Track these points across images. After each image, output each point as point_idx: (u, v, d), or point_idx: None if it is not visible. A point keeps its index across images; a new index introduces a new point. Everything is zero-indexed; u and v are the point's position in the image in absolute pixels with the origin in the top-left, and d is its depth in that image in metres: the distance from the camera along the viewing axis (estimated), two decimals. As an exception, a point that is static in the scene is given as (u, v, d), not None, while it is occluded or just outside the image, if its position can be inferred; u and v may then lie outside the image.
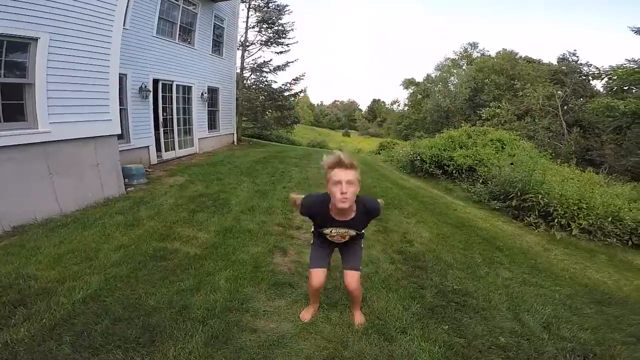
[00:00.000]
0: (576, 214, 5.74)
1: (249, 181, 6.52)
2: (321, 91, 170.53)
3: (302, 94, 13.84)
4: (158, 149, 8.80)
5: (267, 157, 9.58)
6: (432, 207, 6.23)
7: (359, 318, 2.60)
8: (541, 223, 6.07)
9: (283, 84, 13.05)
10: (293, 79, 13.01)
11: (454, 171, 8.93)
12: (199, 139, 10.31)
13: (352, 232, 2.18)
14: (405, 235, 4.63)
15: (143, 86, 7.84)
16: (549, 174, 6.76)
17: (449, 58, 34.55)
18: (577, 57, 34.97)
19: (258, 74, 12.93)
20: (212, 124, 11.35)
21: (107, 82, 5.09)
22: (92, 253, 3.39)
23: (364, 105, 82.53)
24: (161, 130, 8.81)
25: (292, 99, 13.83)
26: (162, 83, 8.67)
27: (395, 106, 64.54)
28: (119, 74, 7.40)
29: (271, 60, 12.85)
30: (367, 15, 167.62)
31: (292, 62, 13.27)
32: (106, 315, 2.40)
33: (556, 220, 5.87)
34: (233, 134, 12.69)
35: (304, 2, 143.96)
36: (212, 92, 11.15)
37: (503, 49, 31.81)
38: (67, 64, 4.58)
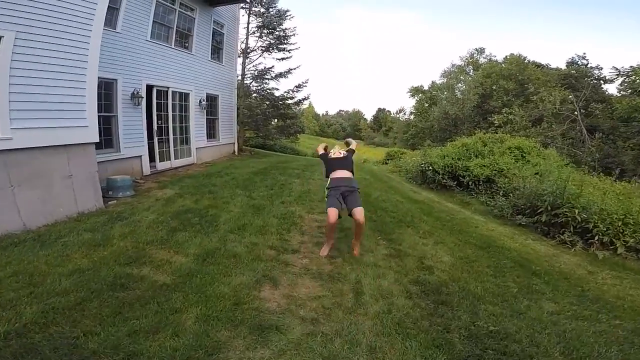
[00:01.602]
0: (621, 230, 4.95)
1: (244, 195, 5.88)
2: (326, 101, 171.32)
3: (305, 102, 13.33)
4: (152, 159, 8.27)
5: (267, 168, 8.97)
6: (450, 225, 5.49)
7: (356, 251, 3.80)
8: (578, 241, 5.28)
9: (285, 92, 12.54)
10: (296, 86, 12.50)
11: (470, 182, 8.17)
12: (196, 148, 9.77)
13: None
14: (423, 261, 3.90)
15: (135, 92, 7.36)
16: (585, 186, 5.97)
17: (455, 64, 33.97)
18: (587, 60, 34.13)
19: (260, 81, 12.45)
20: (211, 133, 10.84)
21: (83, 86, 4.55)
22: (39, 277, 2.84)
23: (369, 115, 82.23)
24: (155, 139, 8.29)
25: (296, 107, 13.30)
26: (156, 89, 8.20)
27: (400, 115, 64.03)
28: (109, 79, 6.98)
29: (273, 67, 12.39)
30: (370, 25, 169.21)
31: (295, 68, 12.75)
32: (27, 356, 1.92)
33: (597, 238, 5.09)
34: (234, 143, 12.15)
35: (308, 14, 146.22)
36: (211, 100, 10.68)
37: (511, 53, 31.20)
38: (36, 64, 4.08)
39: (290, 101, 12.74)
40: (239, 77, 12.31)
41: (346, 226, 4.66)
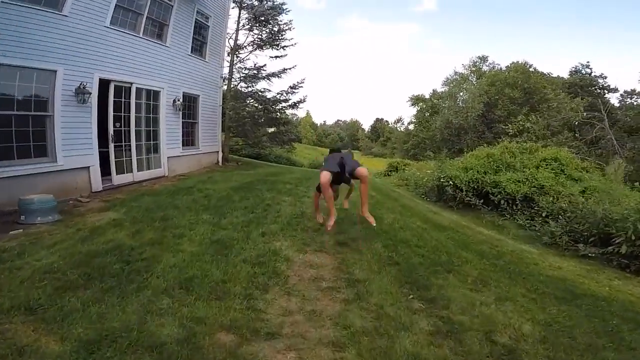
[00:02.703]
0: None
1: (210, 221, 4.23)
2: (324, 111, 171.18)
3: (302, 105, 11.72)
4: (106, 171, 6.63)
5: (253, 182, 7.33)
6: (502, 263, 3.85)
7: (369, 217, 3.54)
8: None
9: (278, 93, 10.95)
10: (290, 87, 10.85)
11: (501, 201, 6.56)
12: (168, 157, 8.13)
13: None
14: (493, 337, 2.29)
15: (81, 86, 5.77)
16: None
17: (458, 72, 32.90)
18: (591, 69, 33.40)
19: (249, 81, 10.89)
20: (189, 139, 9.21)
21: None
22: None
23: (366, 125, 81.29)
24: (111, 146, 6.66)
25: (291, 111, 11.77)
26: (115, 85, 6.61)
27: (399, 125, 63.18)
28: (44, 69, 5.39)
29: (265, 65, 10.87)
30: (369, 36, 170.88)
31: (290, 68, 11.15)
32: None
33: None
34: (217, 152, 10.53)
35: (305, 26, 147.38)
36: (190, 101, 9.11)
37: (513, 62, 30.26)
38: None
39: (284, 104, 11.18)
40: (226, 77, 10.81)
41: (356, 277, 3.03)
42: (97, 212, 4.84)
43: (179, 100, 8.29)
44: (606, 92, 31.87)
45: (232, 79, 11.05)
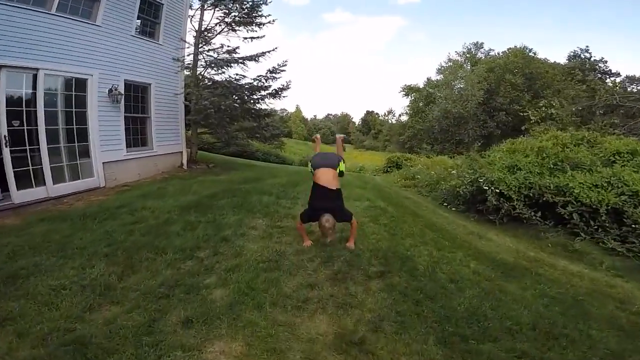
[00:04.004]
0: None
1: (100, 283, 2.19)
2: (314, 105, 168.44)
3: (285, 93, 9.49)
4: (4, 186, 4.61)
5: (217, 195, 5.28)
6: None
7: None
8: None
9: (254, 79, 8.82)
10: (269, 71, 8.61)
11: (573, 214, 4.61)
12: (104, 163, 6.02)
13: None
14: None
15: None
16: None
17: (452, 59, 31.14)
18: (590, 53, 31.91)
19: (219, 65, 8.71)
20: (138, 138, 7.08)
21: None
22: None
23: (357, 118, 79.51)
24: (6, 151, 4.60)
25: (271, 100, 9.61)
26: (8, 72, 4.56)
27: (389, 117, 61.61)
28: None
29: (238, 48, 8.73)
30: (357, 29, 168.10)
31: (270, 51, 8.94)
32: None
33: None
34: (181, 152, 8.43)
35: (293, 22, 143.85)
36: (137, 90, 6.94)
37: (511, 47, 28.54)
38: None
39: (263, 92, 9.08)
40: (190, 62, 8.65)
41: None
42: None
43: (116, 90, 6.15)
44: (607, 77, 30.48)
45: (199, 66, 8.91)
